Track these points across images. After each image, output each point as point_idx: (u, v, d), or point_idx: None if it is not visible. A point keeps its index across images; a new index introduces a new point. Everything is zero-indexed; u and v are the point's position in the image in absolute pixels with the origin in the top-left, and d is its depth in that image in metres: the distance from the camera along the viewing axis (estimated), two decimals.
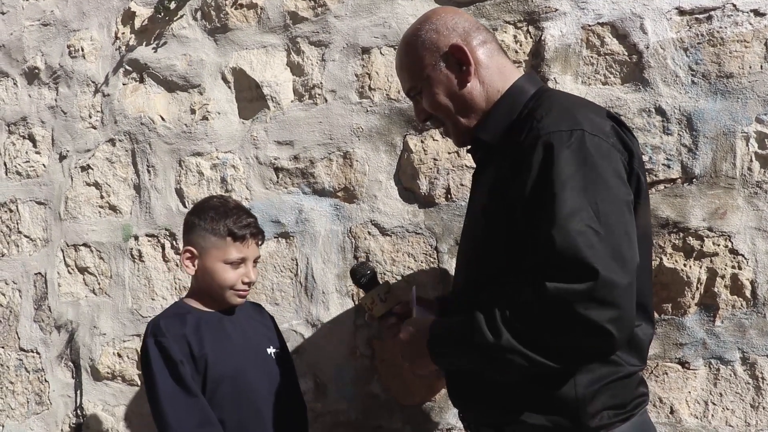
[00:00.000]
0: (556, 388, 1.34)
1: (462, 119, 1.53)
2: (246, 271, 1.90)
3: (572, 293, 1.19)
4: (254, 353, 1.94)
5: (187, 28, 2.60)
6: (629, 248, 1.25)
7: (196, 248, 1.88)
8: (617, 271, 1.20)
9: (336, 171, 2.31)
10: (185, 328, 1.83)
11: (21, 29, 3.03)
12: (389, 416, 2.23)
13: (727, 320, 1.81)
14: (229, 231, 1.86)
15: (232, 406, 1.83)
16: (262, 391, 1.89)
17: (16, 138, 3.06)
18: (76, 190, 2.86)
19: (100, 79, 2.82)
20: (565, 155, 1.26)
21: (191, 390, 1.75)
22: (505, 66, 1.54)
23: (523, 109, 1.45)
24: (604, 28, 1.93)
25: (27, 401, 3.01)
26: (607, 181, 1.27)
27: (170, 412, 1.72)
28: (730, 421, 1.82)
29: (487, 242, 1.43)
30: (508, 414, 1.39)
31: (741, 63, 1.79)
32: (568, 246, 1.21)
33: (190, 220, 1.93)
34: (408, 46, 1.56)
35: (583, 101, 1.53)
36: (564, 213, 1.23)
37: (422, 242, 2.18)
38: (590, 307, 1.18)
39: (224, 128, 2.53)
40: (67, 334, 2.88)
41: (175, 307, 1.95)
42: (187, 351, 1.79)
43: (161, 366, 1.76)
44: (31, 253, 3.01)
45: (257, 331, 2.01)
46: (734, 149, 1.80)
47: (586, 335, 1.21)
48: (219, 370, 1.82)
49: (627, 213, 1.28)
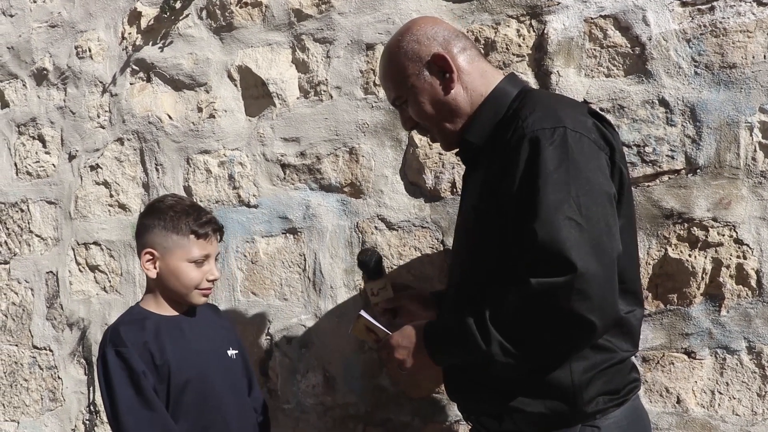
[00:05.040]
0: (552, 376, 1.39)
1: (448, 125, 1.58)
2: (210, 269, 1.86)
3: (554, 286, 1.25)
4: (216, 356, 1.91)
5: (192, 27, 2.62)
6: (609, 239, 1.31)
7: (157, 249, 1.82)
8: (595, 262, 1.26)
9: (342, 167, 2.33)
10: (146, 335, 1.77)
11: (29, 31, 3.06)
12: (398, 409, 2.25)
13: (733, 310, 1.82)
14: (192, 229, 1.82)
15: (197, 410, 1.80)
16: (225, 393, 1.87)
17: (26, 139, 3.09)
18: (86, 190, 2.89)
19: (108, 79, 2.84)
20: (548, 151, 1.32)
21: (152, 403, 1.70)
22: (486, 70, 1.59)
23: (508, 110, 1.50)
24: (606, 20, 1.94)
25: (41, 398, 3.05)
26: (589, 175, 1.32)
27: (131, 426, 1.67)
28: (736, 410, 1.83)
29: (479, 240, 1.48)
30: (507, 403, 1.44)
31: (744, 53, 1.80)
32: (549, 239, 1.27)
33: (146, 222, 1.87)
34: (391, 56, 1.60)
35: (565, 99, 1.60)
36: (546, 206, 1.28)
37: (429, 236, 2.20)
38: (572, 299, 1.24)
39: (231, 126, 2.55)
40: (79, 332, 2.92)
41: (131, 313, 1.88)
42: (149, 359, 1.74)
43: (122, 378, 1.70)
44: (43, 252, 3.04)
45: (217, 333, 1.97)
46: (738, 139, 1.80)
47: (570, 326, 1.27)
48: (182, 375, 1.78)
49: (608, 206, 1.33)
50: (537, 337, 1.31)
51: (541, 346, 1.33)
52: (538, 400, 1.41)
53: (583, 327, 1.27)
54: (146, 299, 1.90)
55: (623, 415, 1.43)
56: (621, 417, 1.43)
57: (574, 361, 1.39)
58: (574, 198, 1.29)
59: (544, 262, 1.27)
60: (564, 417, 1.40)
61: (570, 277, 1.24)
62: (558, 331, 1.29)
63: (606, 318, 1.28)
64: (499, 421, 1.46)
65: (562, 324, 1.27)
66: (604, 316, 1.27)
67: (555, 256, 1.26)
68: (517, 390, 1.43)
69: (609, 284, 1.28)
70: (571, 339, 1.31)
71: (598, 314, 1.26)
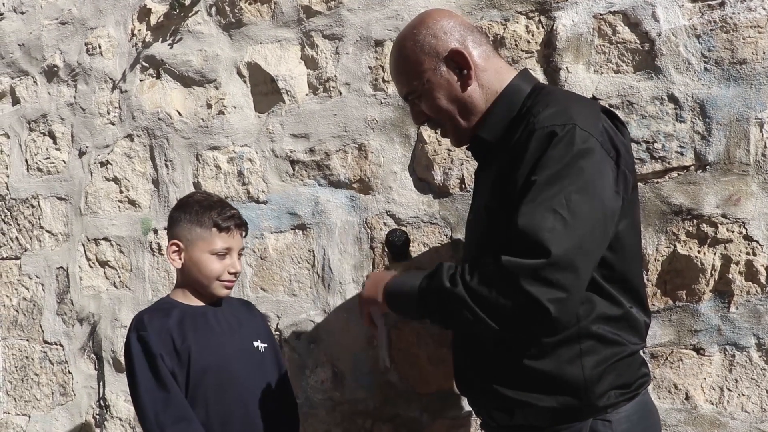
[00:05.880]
0: (563, 370, 1.40)
1: (462, 121, 1.58)
2: (232, 262, 1.94)
3: (520, 267, 1.26)
4: (240, 345, 1.96)
5: (202, 23, 2.63)
6: (592, 243, 1.31)
7: (182, 241, 1.92)
8: (572, 257, 1.26)
9: (351, 163, 2.34)
10: (169, 321, 1.85)
11: (40, 28, 3.08)
12: (407, 404, 2.26)
13: (742, 306, 1.81)
14: (215, 222, 1.91)
15: (216, 398, 1.85)
16: (248, 383, 1.92)
17: (36, 135, 3.11)
18: (96, 186, 2.91)
19: (118, 76, 2.86)
20: (554, 148, 1.32)
21: (168, 385, 1.77)
22: (501, 66, 1.59)
23: (522, 107, 1.50)
24: (615, 16, 1.94)
25: (52, 392, 3.07)
26: (588, 176, 1.32)
27: (149, 407, 1.75)
28: (745, 407, 1.82)
29: (491, 238, 1.47)
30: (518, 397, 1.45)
31: (754, 49, 1.79)
32: (529, 224, 1.28)
33: (175, 215, 1.97)
34: (406, 50, 1.58)
35: (578, 97, 1.59)
36: (539, 197, 1.30)
37: (437, 232, 2.20)
38: (534, 283, 1.25)
39: (240, 122, 2.56)
40: (90, 327, 2.94)
41: (159, 302, 1.98)
42: (170, 344, 1.81)
43: (142, 361, 1.78)
44: (53, 248, 3.07)
45: (243, 324, 2.03)
46: (748, 135, 1.79)
47: (525, 308, 1.27)
48: (202, 362, 1.84)
49: (600, 210, 1.33)
50: (494, 304, 1.31)
51: (495, 313, 1.32)
52: (549, 394, 1.41)
53: (538, 311, 1.26)
54: (175, 292, 1.99)
55: (634, 409, 1.44)
56: (632, 411, 1.43)
57: (585, 356, 1.39)
58: (566, 193, 1.29)
59: (522, 244, 1.28)
60: (575, 411, 1.41)
61: (540, 262, 1.25)
62: (513, 308, 1.29)
63: (565, 312, 1.28)
64: (510, 415, 1.47)
65: (518, 302, 1.28)
66: (564, 310, 1.27)
67: (533, 241, 1.26)
68: (528, 384, 1.43)
69: (578, 282, 1.28)
70: (525, 321, 1.30)
71: (558, 305, 1.25)
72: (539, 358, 1.42)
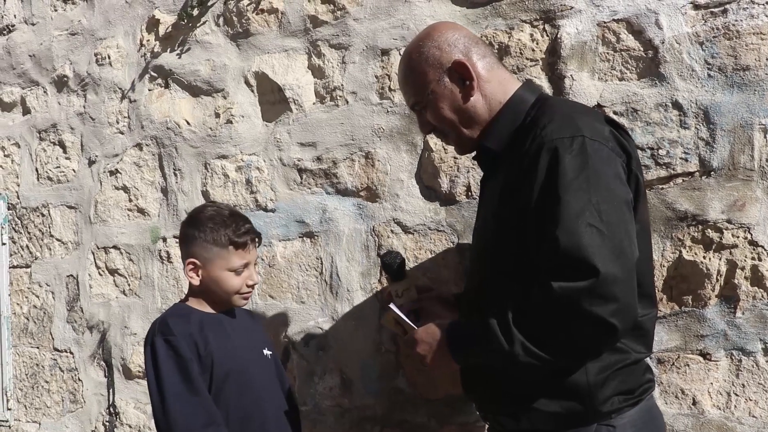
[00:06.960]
0: (568, 376, 1.42)
1: (466, 130, 1.61)
2: (249, 274, 1.94)
3: (576, 291, 1.27)
4: (254, 353, 2.00)
5: (209, 33, 2.66)
6: (629, 244, 1.34)
7: (199, 259, 1.90)
8: (617, 266, 1.28)
9: (358, 171, 2.36)
10: (191, 327, 1.86)
11: (50, 39, 3.11)
12: (414, 410, 2.27)
13: (748, 311, 1.82)
14: (230, 240, 1.89)
15: (237, 401, 1.87)
16: (263, 388, 1.95)
17: (46, 144, 3.15)
18: (105, 194, 2.94)
19: (127, 86, 2.89)
20: (567, 160, 1.34)
21: (199, 389, 1.78)
22: (505, 77, 1.61)
23: (526, 117, 1.53)
24: (619, 24, 1.95)
25: (62, 399, 3.10)
26: (608, 182, 1.35)
27: (177, 411, 1.75)
28: (753, 412, 1.83)
29: (498, 246, 1.50)
30: (524, 402, 1.47)
31: (757, 55, 1.80)
32: (572, 245, 1.29)
33: (189, 232, 1.94)
34: (411, 62, 1.62)
35: (582, 107, 1.63)
36: (568, 214, 1.31)
37: (444, 239, 2.21)
38: (594, 303, 1.27)
39: (248, 131, 2.58)
40: (99, 335, 2.96)
41: (176, 308, 1.98)
42: (194, 349, 1.83)
43: (171, 364, 1.78)
44: (63, 256, 3.09)
45: (253, 333, 2.06)
46: (752, 141, 1.80)
47: (592, 329, 1.29)
48: (223, 367, 1.86)
49: (627, 212, 1.37)
50: (559, 339, 1.33)
51: (563, 348, 1.34)
52: (554, 399, 1.43)
53: (605, 329, 1.29)
54: (189, 300, 1.99)
55: (638, 415, 1.46)
56: (636, 416, 1.45)
57: (590, 362, 1.41)
58: (595, 205, 1.31)
59: (568, 267, 1.29)
60: (580, 416, 1.42)
61: (592, 282, 1.26)
62: (580, 334, 1.31)
63: (627, 321, 1.30)
64: (517, 420, 1.49)
65: (584, 327, 1.29)
66: (625, 318, 1.30)
67: (579, 261, 1.28)
68: (534, 390, 1.45)
69: (630, 288, 1.31)
70: (593, 341, 1.33)
71: (620, 317, 1.28)
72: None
